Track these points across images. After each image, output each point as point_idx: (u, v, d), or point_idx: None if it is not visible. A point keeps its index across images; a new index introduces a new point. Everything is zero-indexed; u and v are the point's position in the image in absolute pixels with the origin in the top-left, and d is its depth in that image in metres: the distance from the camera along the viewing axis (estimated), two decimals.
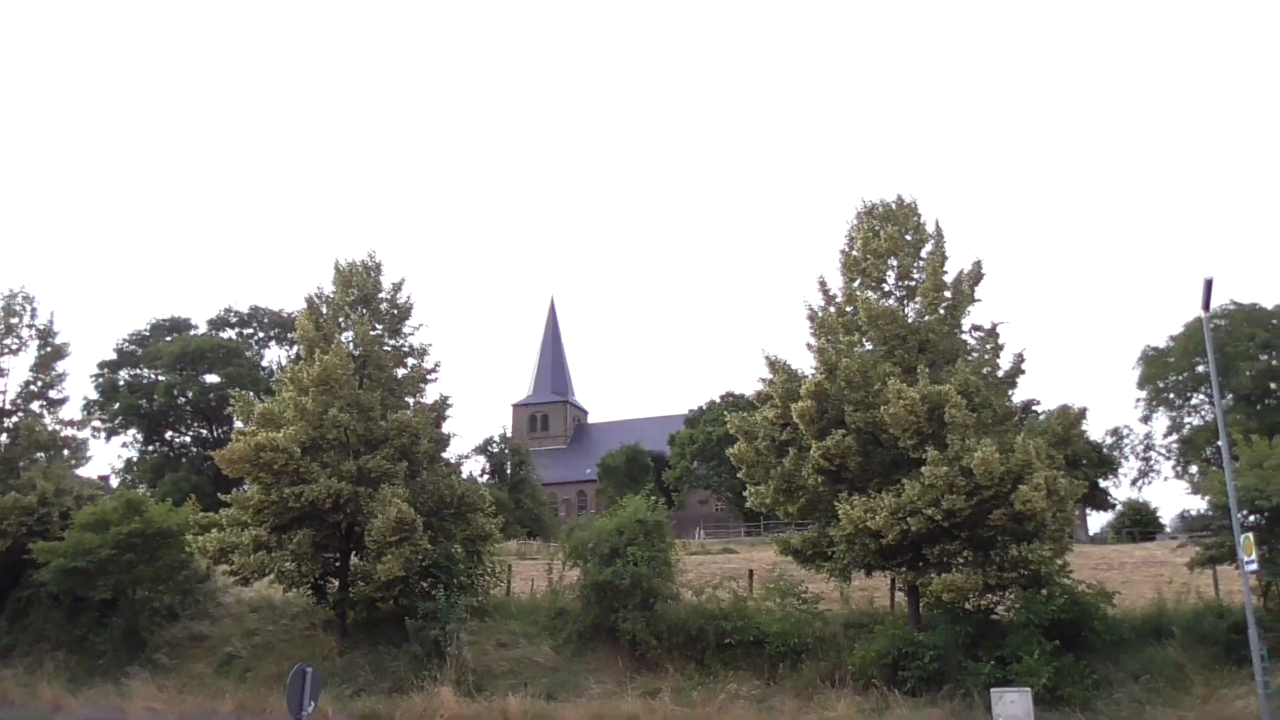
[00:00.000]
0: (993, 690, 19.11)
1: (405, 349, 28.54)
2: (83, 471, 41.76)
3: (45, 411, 32.61)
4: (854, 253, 25.04)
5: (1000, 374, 24.27)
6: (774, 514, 25.93)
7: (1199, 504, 24.10)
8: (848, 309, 24.75)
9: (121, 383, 64.19)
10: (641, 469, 73.93)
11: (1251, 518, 21.37)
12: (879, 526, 21.38)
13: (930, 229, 24.80)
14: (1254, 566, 18.78)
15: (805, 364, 25.25)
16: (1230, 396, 49.46)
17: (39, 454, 31.93)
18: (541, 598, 27.54)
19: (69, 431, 32.79)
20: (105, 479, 61.14)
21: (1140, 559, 31.86)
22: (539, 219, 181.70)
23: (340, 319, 27.87)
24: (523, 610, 26.84)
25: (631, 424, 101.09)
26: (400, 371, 28.13)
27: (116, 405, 63.06)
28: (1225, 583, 23.73)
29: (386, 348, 28.15)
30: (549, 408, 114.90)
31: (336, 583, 26.56)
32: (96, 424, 63.66)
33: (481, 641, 24.94)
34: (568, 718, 21.00)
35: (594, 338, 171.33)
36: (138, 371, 64.70)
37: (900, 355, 23.56)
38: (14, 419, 31.82)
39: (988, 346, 24.45)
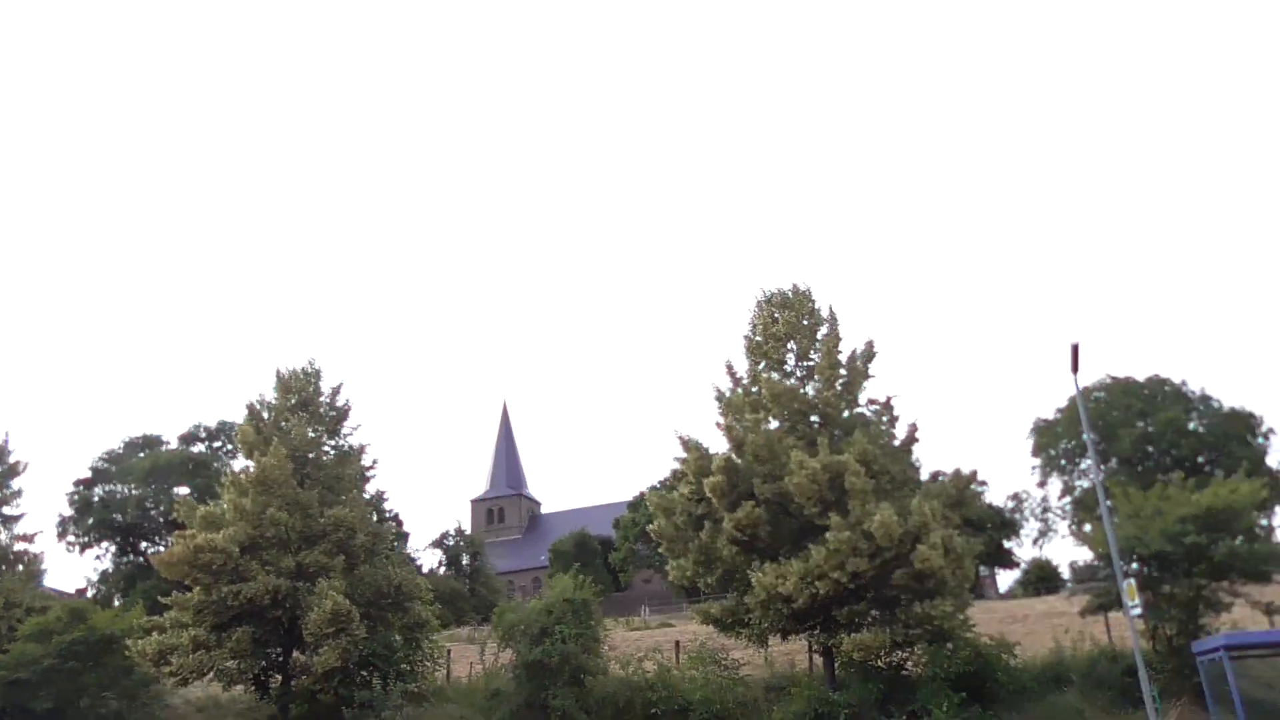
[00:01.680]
0: None
1: (344, 448, 27.10)
2: (56, 584, 38.93)
3: (0, 528, 30.34)
4: (756, 337, 24.50)
5: (897, 443, 23.53)
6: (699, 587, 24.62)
7: (1088, 556, 23.27)
8: (753, 389, 24.00)
9: (96, 499, 61.30)
10: (590, 553, 71.69)
11: (1134, 565, 20.60)
12: (790, 591, 20.23)
13: (825, 313, 24.39)
14: (1138, 611, 17.89)
15: (717, 443, 24.32)
16: (1114, 460, 50.00)
17: None
18: (478, 680, 25.66)
19: (22, 545, 30.43)
20: (81, 592, 57.87)
21: (1041, 612, 30.80)
22: (490, 330, 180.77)
23: (281, 423, 26.42)
24: (460, 694, 24.94)
25: (581, 512, 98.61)
26: (339, 470, 26.60)
27: (90, 520, 60.07)
28: (1117, 628, 22.79)
29: (326, 448, 26.72)
30: (505, 501, 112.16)
31: (280, 678, 24.53)
32: (71, 538, 60.96)
33: None
34: None
35: (545, 433, 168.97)
36: (111, 487, 61.87)
37: (803, 430, 22.81)
38: None
39: (883, 419, 23.76)
